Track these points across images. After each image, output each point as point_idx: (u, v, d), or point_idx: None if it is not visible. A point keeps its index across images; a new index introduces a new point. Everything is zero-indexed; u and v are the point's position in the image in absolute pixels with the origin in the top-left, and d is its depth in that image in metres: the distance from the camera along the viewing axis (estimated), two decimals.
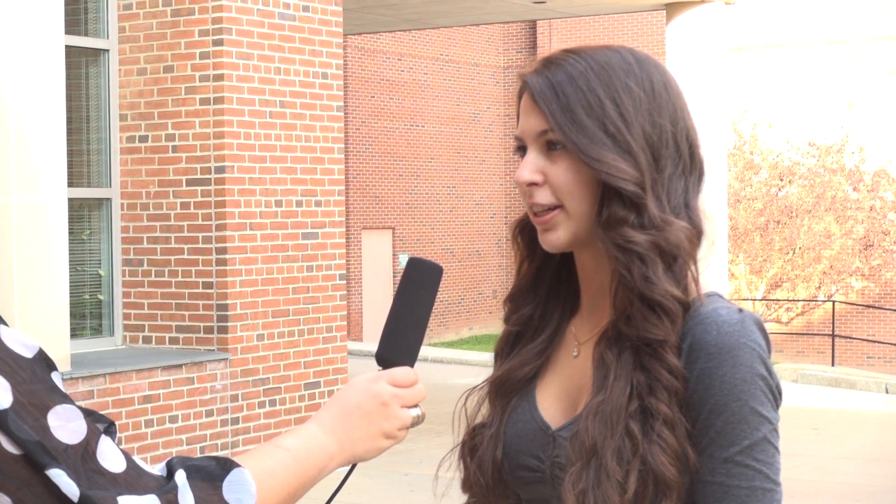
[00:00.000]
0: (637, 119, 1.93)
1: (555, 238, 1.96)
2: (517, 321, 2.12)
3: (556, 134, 1.93)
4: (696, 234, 1.96)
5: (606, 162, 1.90)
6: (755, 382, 1.86)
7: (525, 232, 2.07)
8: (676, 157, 1.97)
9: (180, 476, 1.59)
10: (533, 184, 1.95)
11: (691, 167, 1.99)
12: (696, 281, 1.95)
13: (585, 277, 2.05)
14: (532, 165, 1.96)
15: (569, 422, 2.00)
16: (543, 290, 2.10)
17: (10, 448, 1.49)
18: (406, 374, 1.88)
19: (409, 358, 1.90)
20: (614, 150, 1.91)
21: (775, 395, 1.90)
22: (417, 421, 1.89)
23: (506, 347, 2.14)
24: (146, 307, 10.74)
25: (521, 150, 2.00)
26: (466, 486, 2.13)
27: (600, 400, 1.91)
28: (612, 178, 1.90)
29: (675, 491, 1.87)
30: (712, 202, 16.04)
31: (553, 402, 2.06)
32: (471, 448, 2.12)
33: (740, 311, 1.91)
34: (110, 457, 1.55)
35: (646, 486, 1.86)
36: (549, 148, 1.95)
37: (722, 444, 1.86)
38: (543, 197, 1.95)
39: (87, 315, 10.88)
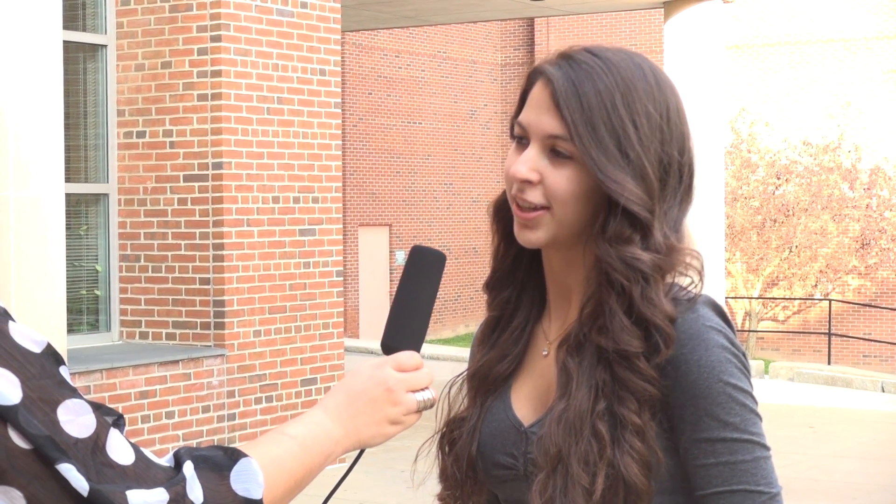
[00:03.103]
0: (652, 145, 1.94)
1: (534, 237, 1.97)
2: (498, 305, 2.13)
3: (570, 144, 1.93)
4: (699, 256, 1.99)
5: (623, 185, 1.91)
6: (729, 360, 1.90)
7: (503, 213, 2.07)
8: (678, 186, 1.99)
9: (188, 467, 1.60)
10: (527, 181, 1.95)
11: (686, 196, 2.02)
12: (699, 294, 1.97)
13: (552, 275, 2.06)
14: (531, 163, 1.95)
15: (539, 418, 2.02)
16: (521, 274, 2.12)
17: (21, 443, 1.50)
18: (410, 358, 1.87)
19: (414, 344, 1.90)
20: (630, 172, 1.92)
21: (747, 367, 1.95)
22: (427, 405, 1.88)
23: (488, 333, 2.15)
24: (143, 303, 10.74)
25: (519, 137, 1.99)
26: (443, 477, 2.15)
27: (563, 407, 1.94)
28: (628, 202, 1.91)
29: (645, 499, 1.90)
30: (709, 200, 16.04)
31: (525, 401, 2.08)
32: (449, 441, 2.14)
33: (694, 297, 1.95)
34: (119, 450, 1.56)
35: (616, 494, 1.89)
36: (554, 152, 1.95)
37: (715, 425, 1.89)
38: (534, 196, 1.95)
39: (83, 310, 10.88)
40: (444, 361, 21.42)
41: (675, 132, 1.97)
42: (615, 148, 1.92)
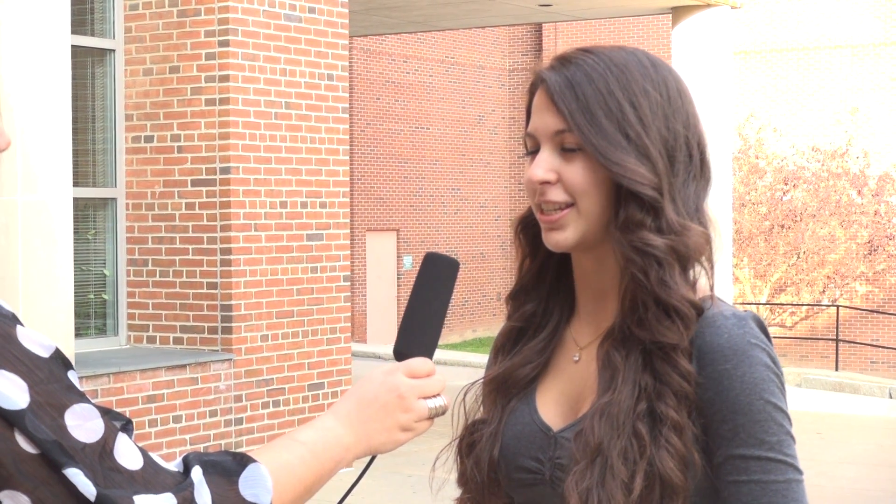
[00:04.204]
0: (654, 123, 1.94)
1: (562, 238, 1.96)
2: (520, 318, 2.12)
3: (573, 135, 1.93)
4: (709, 237, 1.97)
5: (626, 166, 1.91)
6: (772, 379, 1.89)
7: (527, 229, 2.07)
8: (688, 162, 1.98)
9: (196, 473, 1.59)
10: (546, 182, 1.95)
11: (701, 173, 2.00)
12: (711, 284, 1.96)
13: (583, 280, 2.05)
14: (546, 164, 1.95)
15: (571, 423, 2.00)
16: (545, 288, 2.10)
17: (28, 448, 1.49)
18: (423, 365, 1.87)
19: (426, 351, 1.89)
20: (633, 154, 1.92)
21: (784, 386, 1.93)
22: (439, 411, 1.88)
23: (507, 343, 2.13)
24: (151, 307, 10.74)
25: (532, 150, 1.99)
26: (462, 481, 2.13)
27: (607, 401, 1.91)
28: (631, 182, 1.91)
29: (680, 496, 1.88)
30: (717, 206, 16.06)
31: (552, 406, 2.06)
32: (468, 444, 2.12)
33: (739, 311, 1.93)
34: (127, 454, 1.56)
35: (652, 491, 1.87)
36: (564, 148, 1.95)
37: (752, 443, 1.88)
38: (557, 195, 1.95)
39: (91, 314, 10.89)
40: (452, 367, 21.42)
41: (679, 109, 1.97)
42: (615, 131, 1.92)
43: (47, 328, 9.01)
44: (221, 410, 10.40)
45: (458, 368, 20.91)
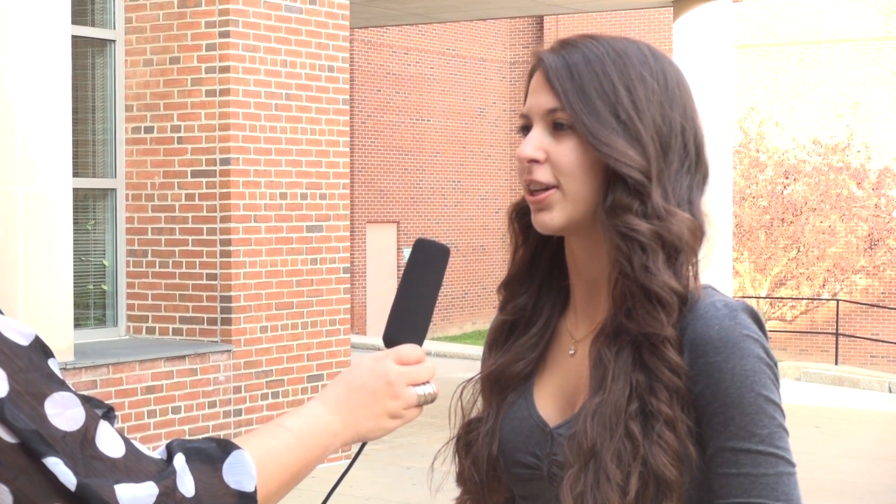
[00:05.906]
0: (649, 109, 1.92)
1: (548, 218, 1.94)
2: (512, 310, 2.10)
3: (565, 113, 1.92)
4: (699, 227, 1.95)
5: (614, 147, 1.89)
6: (764, 371, 1.87)
7: (521, 216, 2.05)
8: (683, 153, 1.96)
9: (179, 460, 1.58)
10: (534, 161, 1.94)
11: (697, 166, 1.98)
12: (696, 276, 1.94)
13: (576, 270, 2.03)
14: (536, 142, 1.94)
15: (567, 420, 1.98)
16: (536, 280, 2.09)
17: (7, 437, 1.48)
18: (412, 351, 1.85)
19: (416, 337, 1.87)
20: (624, 136, 1.90)
21: (778, 378, 1.91)
22: (428, 399, 1.85)
23: (500, 338, 2.12)
24: (150, 298, 10.74)
25: (525, 129, 1.98)
26: (461, 480, 2.11)
27: (599, 401, 1.90)
28: (618, 163, 1.89)
29: (675, 491, 1.87)
30: (717, 199, 16.10)
31: (550, 400, 2.04)
32: (465, 443, 2.10)
33: (732, 302, 1.91)
34: (109, 442, 1.54)
35: (646, 487, 1.86)
36: (556, 127, 1.94)
37: (743, 435, 1.86)
38: (542, 175, 1.93)
39: (91, 305, 10.89)
40: (451, 359, 21.43)
41: (676, 100, 1.96)
42: (608, 113, 1.91)
43: (47, 319, 9.01)
44: (220, 402, 10.40)
45: (458, 361, 20.91)
